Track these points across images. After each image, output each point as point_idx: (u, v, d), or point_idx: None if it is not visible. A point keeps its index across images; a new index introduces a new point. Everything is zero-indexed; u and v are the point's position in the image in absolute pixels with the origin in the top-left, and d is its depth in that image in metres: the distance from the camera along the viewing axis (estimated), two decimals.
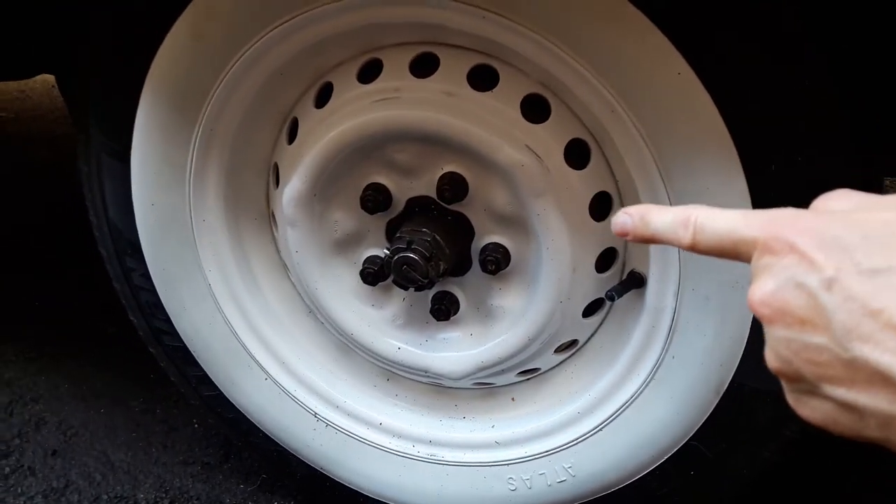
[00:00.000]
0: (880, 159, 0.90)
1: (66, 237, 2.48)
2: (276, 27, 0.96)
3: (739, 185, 0.84)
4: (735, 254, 0.49)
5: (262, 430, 1.33)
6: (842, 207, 0.47)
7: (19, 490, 1.50)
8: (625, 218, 0.56)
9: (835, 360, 0.41)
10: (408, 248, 1.03)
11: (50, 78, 2.43)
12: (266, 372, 1.26)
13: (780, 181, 0.83)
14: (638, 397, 1.05)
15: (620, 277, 1.06)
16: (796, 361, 0.43)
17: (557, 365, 1.17)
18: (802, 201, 0.83)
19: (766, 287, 0.44)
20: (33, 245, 2.46)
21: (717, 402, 1.00)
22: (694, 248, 0.51)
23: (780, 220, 0.46)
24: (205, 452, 1.59)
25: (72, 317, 2.06)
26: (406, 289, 1.07)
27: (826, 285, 0.41)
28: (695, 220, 0.51)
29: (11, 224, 2.61)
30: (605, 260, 1.04)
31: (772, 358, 0.45)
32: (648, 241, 0.55)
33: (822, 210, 0.48)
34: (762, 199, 0.85)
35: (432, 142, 1.00)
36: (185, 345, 1.28)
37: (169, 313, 1.26)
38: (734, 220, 0.49)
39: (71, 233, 2.49)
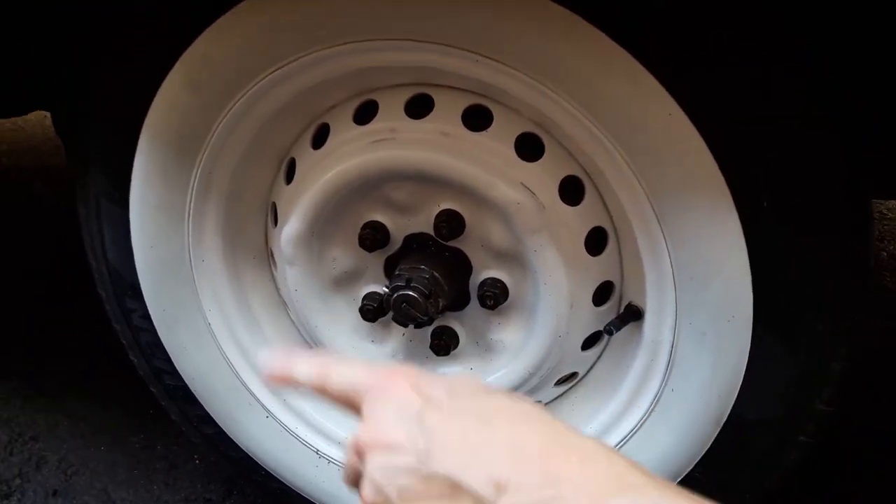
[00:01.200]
0: (872, 194, 0.92)
1: (64, 272, 2.47)
2: (270, 73, 0.97)
3: (733, 222, 0.86)
4: (354, 398, 0.57)
5: (264, 468, 1.33)
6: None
7: None
8: (268, 366, 0.64)
9: (416, 478, 0.50)
10: (407, 286, 1.03)
11: None
12: (267, 410, 1.26)
13: (773, 218, 0.85)
14: (639, 430, 1.06)
15: (618, 310, 1.07)
16: (387, 487, 0.51)
17: (558, 397, 1.18)
18: (795, 236, 0.85)
19: (371, 422, 0.54)
20: (31, 280, 2.46)
21: (717, 433, 1.00)
22: (324, 391, 0.60)
23: (388, 370, 0.57)
24: (206, 489, 1.59)
25: (70, 353, 2.05)
26: (406, 326, 1.08)
27: (418, 416, 0.52)
28: (327, 369, 0.60)
29: (7, 258, 2.61)
30: (603, 293, 1.05)
31: (367, 491, 0.53)
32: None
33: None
34: (756, 234, 0.86)
35: (429, 180, 1.02)
36: (185, 384, 1.28)
37: (169, 353, 1.26)
38: (358, 371, 0.59)
39: (69, 268, 2.49)
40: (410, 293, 1.03)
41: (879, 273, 2.37)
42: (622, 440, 1.07)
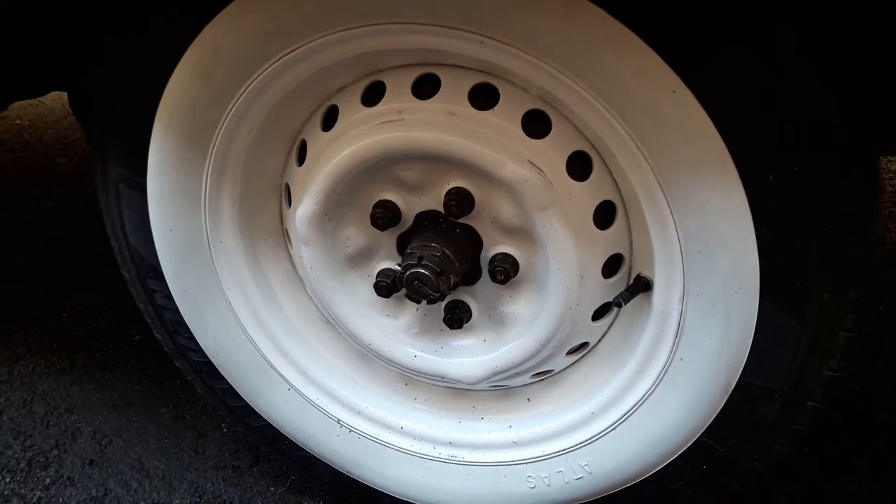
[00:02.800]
0: (879, 161, 0.91)
1: (91, 245, 2.53)
2: (279, 58, 0.98)
3: (739, 196, 0.86)
4: None
5: (288, 438, 1.38)
6: None
7: (60, 500, 1.57)
8: None
9: None
10: (418, 264, 1.06)
11: None
12: (289, 382, 1.30)
13: (778, 191, 0.85)
14: (649, 397, 1.08)
15: (627, 281, 1.08)
16: None
17: (570, 366, 1.20)
18: (800, 207, 0.85)
19: None
20: (58, 255, 2.52)
21: (725, 400, 1.02)
22: None
23: None
24: (234, 456, 1.65)
25: (99, 326, 2.12)
26: (418, 302, 1.11)
27: None
28: None
29: (35, 233, 2.67)
30: (612, 265, 1.06)
31: None
32: None
33: None
34: (761, 206, 0.87)
35: (438, 160, 1.03)
36: (209, 360, 1.33)
37: (192, 331, 1.30)
38: None
39: (94, 242, 2.55)
40: (422, 271, 1.05)
41: None
42: (633, 407, 1.10)
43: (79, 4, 1.13)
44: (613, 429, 1.13)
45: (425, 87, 1.02)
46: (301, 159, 1.13)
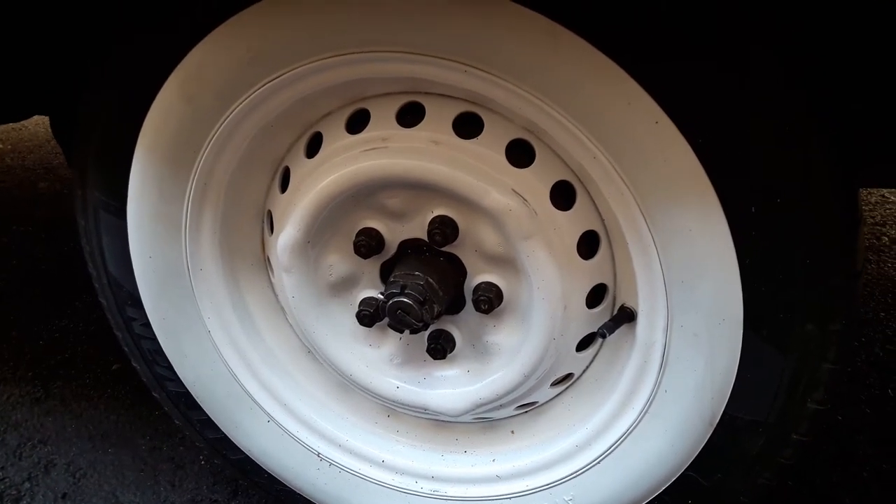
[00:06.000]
0: (859, 192, 0.92)
1: (69, 272, 2.50)
2: (263, 85, 0.98)
3: (721, 227, 0.86)
4: None
5: (266, 471, 1.34)
6: None
7: None
8: None
9: None
10: (401, 293, 1.05)
11: None
12: (268, 414, 1.28)
13: (760, 222, 0.85)
14: (634, 430, 1.07)
15: (612, 312, 1.08)
16: None
17: (555, 397, 1.19)
18: (782, 238, 0.85)
19: None
20: (37, 280, 2.48)
21: (710, 434, 1.01)
22: None
23: None
24: (212, 490, 1.61)
25: (77, 354, 2.08)
26: (401, 332, 1.09)
27: None
28: None
29: (14, 258, 2.64)
30: (596, 295, 1.05)
31: None
32: None
33: None
34: (744, 237, 0.87)
35: (422, 188, 1.02)
36: (187, 390, 1.30)
37: (170, 360, 1.27)
38: None
39: (73, 268, 2.52)
40: (405, 300, 1.04)
41: (881, 258, 2.38)
42: (617, 440, 1.08)
43: (63, 25, 1.12)
44: (598, 462, 1.11)
45: (410, 116, 1.02)
46: (284, 186, 1.13)
